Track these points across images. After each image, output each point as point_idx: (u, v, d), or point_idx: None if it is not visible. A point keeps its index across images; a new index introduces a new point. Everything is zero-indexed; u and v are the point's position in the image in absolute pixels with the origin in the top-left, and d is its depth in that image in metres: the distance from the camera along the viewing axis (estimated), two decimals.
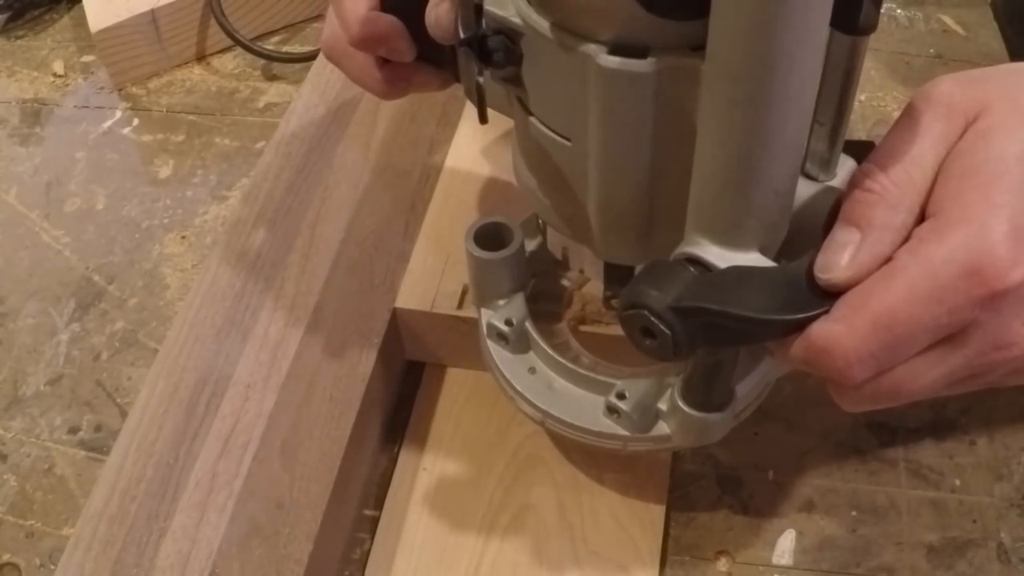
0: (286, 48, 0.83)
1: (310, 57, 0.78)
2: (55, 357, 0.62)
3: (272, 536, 0.46)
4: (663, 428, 0.46)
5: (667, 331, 0.35)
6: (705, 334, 0.35)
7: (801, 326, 0.35)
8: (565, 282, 0.53)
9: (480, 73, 0.40)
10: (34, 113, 0.80)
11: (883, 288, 0.33)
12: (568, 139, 0.39)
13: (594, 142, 0.37)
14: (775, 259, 0.37)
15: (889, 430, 0.55)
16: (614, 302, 0.48)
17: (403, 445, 0.55)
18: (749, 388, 0.45)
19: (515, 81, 0.39)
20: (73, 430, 0.58)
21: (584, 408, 0.47)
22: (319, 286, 0.56)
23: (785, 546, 0.51)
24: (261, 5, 0.83)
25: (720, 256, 0.36)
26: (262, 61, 0.81)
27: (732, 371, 0.43)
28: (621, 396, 0.46)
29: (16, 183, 0.74)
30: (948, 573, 0.49)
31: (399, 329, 0.56)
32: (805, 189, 0.37)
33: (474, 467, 0.54)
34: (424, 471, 0.54)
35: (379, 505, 0.53)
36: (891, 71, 0.75)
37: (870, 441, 0.54)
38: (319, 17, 0.86)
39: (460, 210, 0.60)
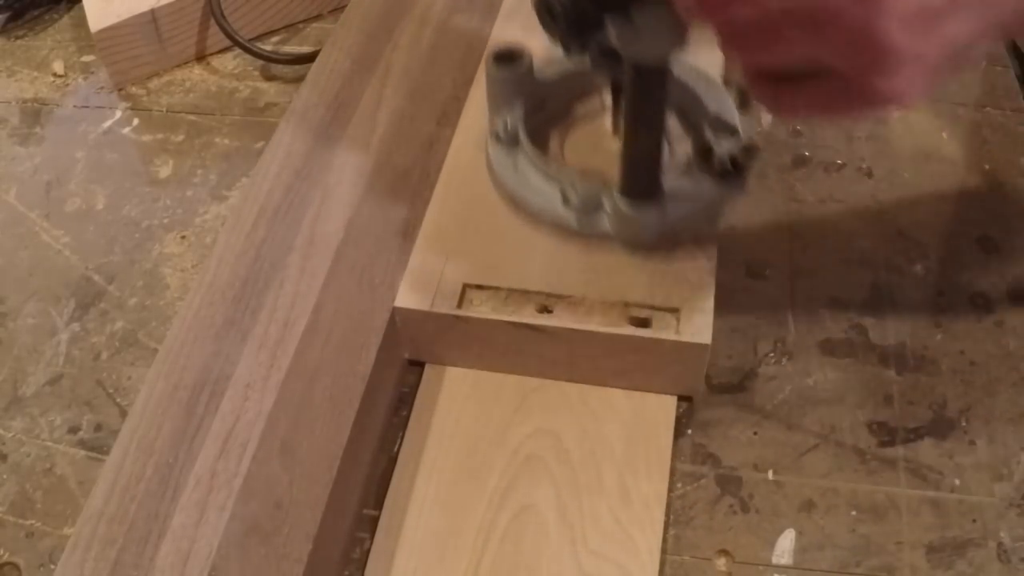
0: (286, 48, 0.84)
1: (310, 58, 0.78)
2: (55, 357, 0.62)
3: (271, 535, 0.46)
4: (606, 224, 0.57)
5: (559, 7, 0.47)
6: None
7: None
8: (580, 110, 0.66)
9: None
10: (34, 113, 0.80)
11: None
12: None
13: None
14: None
15: (889, 430, 0.55)
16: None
17: (403, 445, 0.55)
18: (681, 202, 0.56)
19: None
20: (73, 430, 0.58)
21: (548, 196, 0.58)
22: (319, 286, 0.55)
23: (785, 546, 0.51)
24: (261, 5, 0.83)
25: None
26: (262, 61, 0.81)
27: (658, 161, 0.54)
28: (572, 186, 0.57)
29: (16, 183, 0.74)
30: (948, 573, 0.49)
31: (399, 329, 0.56)
32: None
33: (474, 467, 0.54)
34: (424, 471, 0.54)
35: (379, 505, 0.53)
36: None
37: (870, 441, 0.54)
38: (319, 17, 0.87)
39: (460, 210, 0.60)
